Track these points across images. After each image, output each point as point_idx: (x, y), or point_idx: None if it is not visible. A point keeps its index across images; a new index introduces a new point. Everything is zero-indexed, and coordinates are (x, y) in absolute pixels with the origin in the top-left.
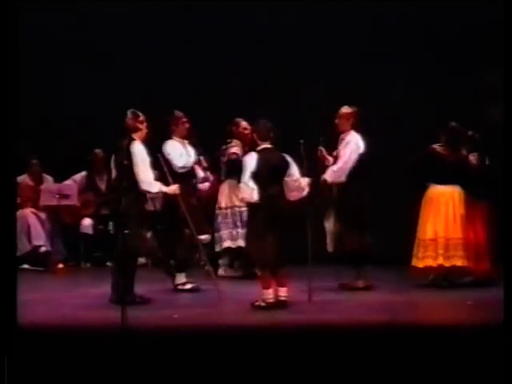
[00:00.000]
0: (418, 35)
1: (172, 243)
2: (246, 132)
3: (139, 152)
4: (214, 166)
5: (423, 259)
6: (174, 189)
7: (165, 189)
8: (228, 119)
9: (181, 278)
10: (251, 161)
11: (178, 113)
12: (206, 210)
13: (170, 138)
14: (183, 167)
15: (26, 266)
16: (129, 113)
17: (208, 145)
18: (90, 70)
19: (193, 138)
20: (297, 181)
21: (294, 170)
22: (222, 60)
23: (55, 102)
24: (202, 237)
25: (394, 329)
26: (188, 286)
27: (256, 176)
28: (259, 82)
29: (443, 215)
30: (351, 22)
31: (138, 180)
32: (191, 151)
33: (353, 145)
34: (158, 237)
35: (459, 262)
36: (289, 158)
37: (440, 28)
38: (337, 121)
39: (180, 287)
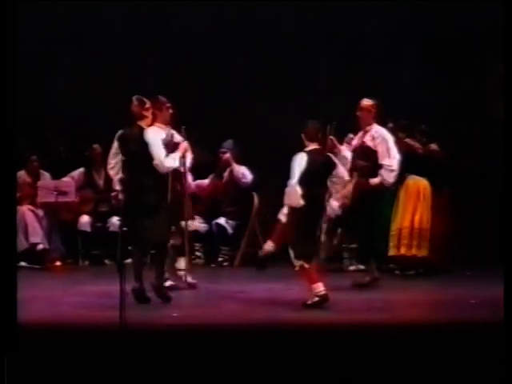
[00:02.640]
0: (419, 34)
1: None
2: None
3: (153, 139)
4: (214, 165)
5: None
6: (184, 145)
7: (178, 154)
8: (227, 118)
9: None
10: (301, 161)
11: (162, 98)
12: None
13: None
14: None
15: (22, 263)
16: (134, 100)
17: (209, 144)
18: (88, 65)
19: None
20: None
21: (339, 170)
22: (223, 55)
23: (52, 98)
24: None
25: (395, 327)
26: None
27: (304, 177)
28: (261, 75)
29: (411, 207)
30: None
31: (156, 165)
32: (177, 138)
33: (390, 141)
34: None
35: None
36: (335, 159)
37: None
38: (359, 113)
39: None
